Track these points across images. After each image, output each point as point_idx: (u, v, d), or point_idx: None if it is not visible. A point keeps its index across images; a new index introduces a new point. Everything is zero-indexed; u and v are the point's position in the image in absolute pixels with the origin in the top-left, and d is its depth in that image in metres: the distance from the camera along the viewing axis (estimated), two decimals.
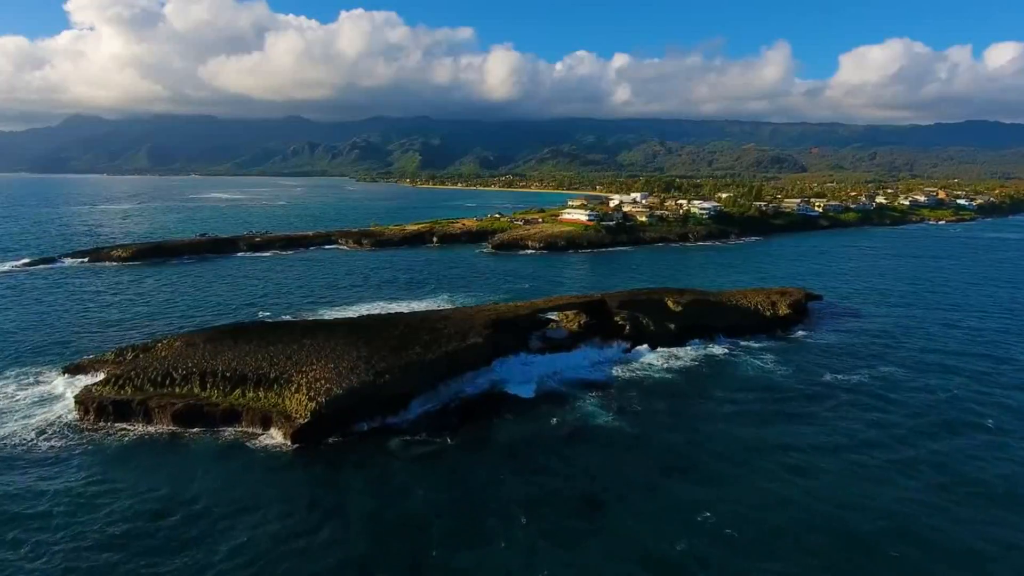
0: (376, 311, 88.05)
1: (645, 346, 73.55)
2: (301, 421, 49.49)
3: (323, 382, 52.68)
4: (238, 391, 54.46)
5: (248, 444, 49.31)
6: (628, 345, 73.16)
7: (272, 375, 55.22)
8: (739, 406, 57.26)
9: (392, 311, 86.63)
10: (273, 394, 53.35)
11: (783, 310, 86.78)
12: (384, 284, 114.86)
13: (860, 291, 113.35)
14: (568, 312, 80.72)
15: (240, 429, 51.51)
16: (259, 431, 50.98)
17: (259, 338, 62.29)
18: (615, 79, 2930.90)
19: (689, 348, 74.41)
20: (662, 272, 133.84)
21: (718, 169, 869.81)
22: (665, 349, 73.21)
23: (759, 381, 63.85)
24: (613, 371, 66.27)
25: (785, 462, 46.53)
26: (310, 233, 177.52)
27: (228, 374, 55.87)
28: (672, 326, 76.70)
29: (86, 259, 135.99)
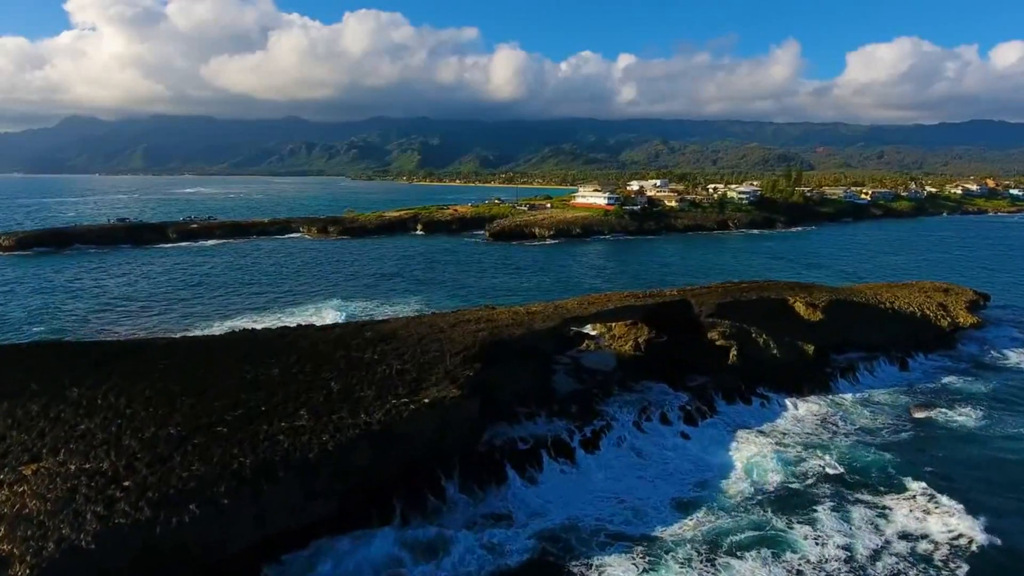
0: (303, 323, 54.42)
1: (784, 399, 39.64)
2: None
3: (4, 530, 18.86)
4: None
5: None
6: (745, 389, 39.11)
7: None
8: None
9: (327, 323, 53.33)
10: None
11: (963, 317, 53.10)
12: (336, 281, 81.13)
13: (1014, 288, 79.88)
14: (615, 323, 47.08)
15: None
16: None
17: None
18: (621, 78, 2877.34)
19: (850, 395, 40.44)
20: (713, 265, 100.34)
21: (723, 168, 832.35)
22: (810, 398, 39.10)
23: None
24: (732, 453, 32.11)
25: None
26: (264, 220, 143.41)
27: None
28: (809, 348, 42.76)
29: None
